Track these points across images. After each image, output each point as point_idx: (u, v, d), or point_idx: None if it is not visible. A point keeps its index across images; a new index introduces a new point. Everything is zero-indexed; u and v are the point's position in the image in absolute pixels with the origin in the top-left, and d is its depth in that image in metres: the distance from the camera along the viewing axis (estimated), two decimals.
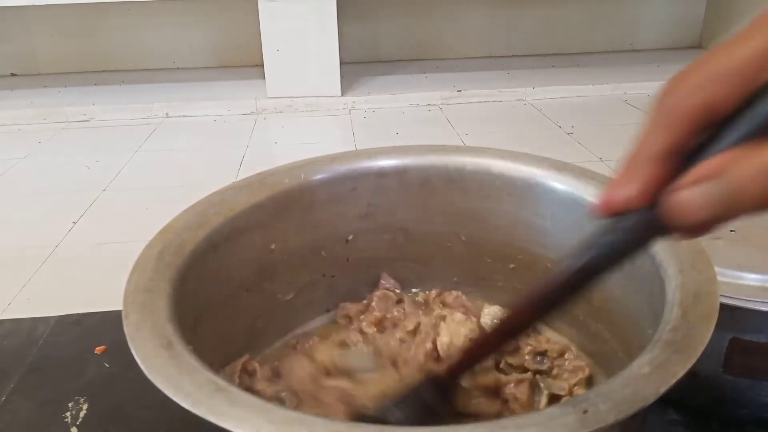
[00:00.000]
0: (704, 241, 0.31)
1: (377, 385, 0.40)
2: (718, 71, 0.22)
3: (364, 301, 0.52)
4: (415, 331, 0.47)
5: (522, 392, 0.43)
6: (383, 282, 0.53)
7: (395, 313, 0.50)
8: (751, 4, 3.01)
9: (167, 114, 2.33)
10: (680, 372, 0.28)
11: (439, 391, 0.37)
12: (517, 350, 0.47)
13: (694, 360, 0.29)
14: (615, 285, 0.42)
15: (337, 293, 0.52)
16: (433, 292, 0.53)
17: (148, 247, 0.39)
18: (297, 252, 0.49)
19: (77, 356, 0.58)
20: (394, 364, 0.44)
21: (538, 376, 0.45)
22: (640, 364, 0.29)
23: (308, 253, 0.50)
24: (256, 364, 0.43)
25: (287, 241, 0.48)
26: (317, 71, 2.43)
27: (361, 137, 1.89)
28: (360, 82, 2.38)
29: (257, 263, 0.47)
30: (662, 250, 0.38)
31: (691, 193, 0.21)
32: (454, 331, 0.45)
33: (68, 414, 0.51)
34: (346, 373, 0.42)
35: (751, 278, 0.44)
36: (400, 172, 0.51)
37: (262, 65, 2.50)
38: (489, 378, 0.43)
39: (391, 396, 0.37)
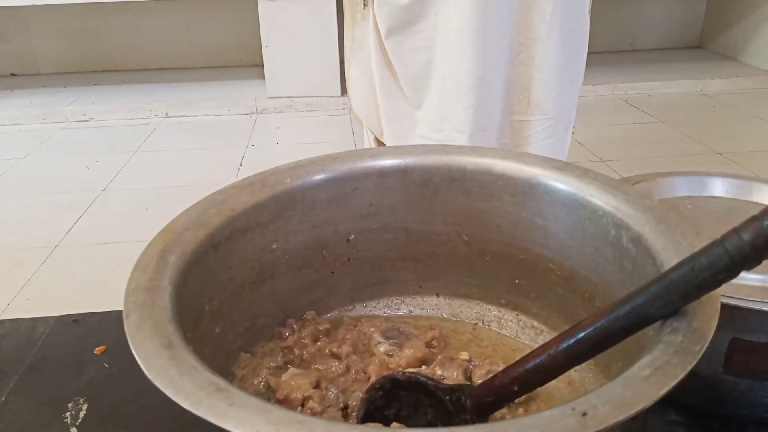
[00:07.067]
0: (704, 241, 0.31)
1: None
2: None
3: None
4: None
5: None
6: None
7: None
8: (751, 4, 3.01)
9: (167, 114, 2.33)
10: (681, 374, 0.28)
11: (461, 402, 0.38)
12: None
13: (694, 362, 0.29)
14: (616, 286, 0.42)
15: (338, 293, 0.53)
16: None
17: (150, 246, 0.39)
18: (298, 251, 0.49)
19: (77, 356, 0.57)
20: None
21: None
22: (641, 366, 0.29)
23: (310, 253, 0.50)
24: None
25: (288, 240, 0.48)
26: (317, 71, 2.43)
27: (361, 137, 1.89)
28: None
29: (258, 263, 0.47)
30: (663, 250, 0.38)
31: None
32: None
33: (68, 414, 0.51)
34: None
35: (751, 278, 0.44)
36: (401, 172, 0.51)
37: (262, 65, 2.50)
38: None
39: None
